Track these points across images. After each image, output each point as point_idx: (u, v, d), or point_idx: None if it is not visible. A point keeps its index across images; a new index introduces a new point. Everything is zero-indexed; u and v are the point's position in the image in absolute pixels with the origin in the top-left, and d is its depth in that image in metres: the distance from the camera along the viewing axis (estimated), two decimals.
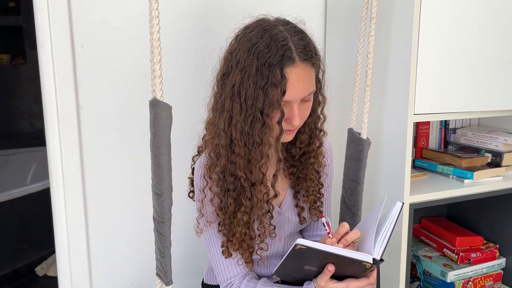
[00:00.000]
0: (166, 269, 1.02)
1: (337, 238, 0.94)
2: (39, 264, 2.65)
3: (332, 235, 0.96)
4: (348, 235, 0.94)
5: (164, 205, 0.97)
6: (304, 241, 0.84)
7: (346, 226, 0.96)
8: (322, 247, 0.85)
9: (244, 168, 0.94)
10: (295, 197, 1.12)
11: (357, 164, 1.24)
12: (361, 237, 0.96)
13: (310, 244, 0.84)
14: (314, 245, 0.84)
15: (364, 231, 0.95)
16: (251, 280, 1.05)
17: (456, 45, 1.25)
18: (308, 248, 0.84)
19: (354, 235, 0.94)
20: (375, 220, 0.91)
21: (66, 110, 1.29)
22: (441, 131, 1.67)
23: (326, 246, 0.85)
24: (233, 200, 0.97)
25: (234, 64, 0.92)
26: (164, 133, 0.94)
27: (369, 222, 0.96)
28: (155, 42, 0.91)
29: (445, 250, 1.63)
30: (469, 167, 1.46)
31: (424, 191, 1.35)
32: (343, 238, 0.93)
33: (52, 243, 1.37)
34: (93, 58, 1.31)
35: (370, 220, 0.96)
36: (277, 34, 0.90)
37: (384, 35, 1.30)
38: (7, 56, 3.47)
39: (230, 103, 0.93)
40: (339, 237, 0.94)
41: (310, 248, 0.84)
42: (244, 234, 0.98)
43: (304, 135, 1.05)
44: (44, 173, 1.53)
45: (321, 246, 0.85)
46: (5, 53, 3.46)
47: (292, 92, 0.90)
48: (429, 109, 1.26)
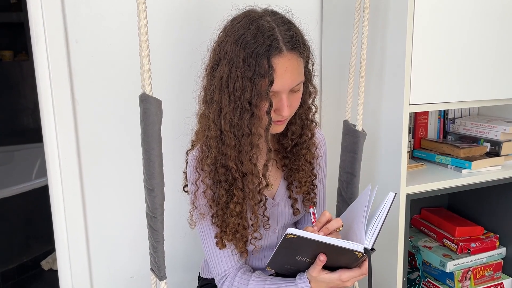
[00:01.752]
0: (160, 264, 1.03)
1: (318, 227, 0.95)
2: (44, 258, 2.69)
3: (315, 224, 0.96)
4: (329, 223, 0.95)
5: (156, 200, 0.98)
6: (294, 230, 0.84)
7: (327, 215, 0.96)
8: (312, 236, 0.85)
9: (235, 159, 0.94)
10: (288, 189, 1.12)
11: (353, 156, 1.24)
12: (349, 226, 0.96)
13: (301, 233, 0.84)
14: (305, 234, 0.85)
15: (352, 220, 0.95)
16: (246, 273, 1.06)
17: (453, 33, 1.23)
18: (298, 237, 0.84)
19: (335, 224, 0.95)
20: (363, 208, 0.91)
21: (62, 105, 1.30)
22: (440, 121, 1.66)
23: (316, 235, 0.86)
24: (225, 191, 0.98)
25: (222, 55, 0.92)
26: (154, 128, 0.94)
27: (356, 211, 0.96)
28: (142, 36, 0.91)
29: (445, 240, 1.63)
30: (468, 157, 1.45)
31: (421, 181, 1.35)
32: (324, 226, 0.94)
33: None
34: (88, 53, 1.31)
35: (357, 208, 0.96)
36: (263, 25, 0.90)
37: (379, 25, 1.29)
38: (10, 53, 3.49)
39: (219, 94, 0.93)
40: (321, 225, 0.95)
41: (301, 237, 0.84)
42: (238, 224, 0.99)
43: (295, 126, 1.05)
44: None
45: (311, 235, 0.85)
46: (8, 50, 3.48)
47: (279, 82, 0.90)
48: (425, 99, 1.25)
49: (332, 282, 0.92)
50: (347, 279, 0.91)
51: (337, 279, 0.91)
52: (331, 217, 0.97)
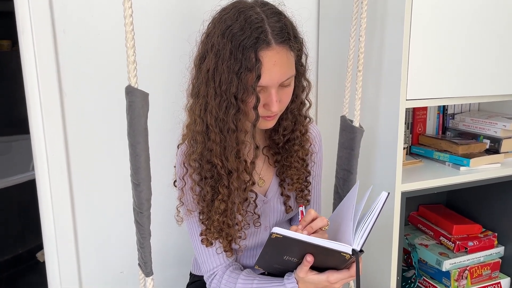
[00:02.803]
0: (146, 260, 1.00)
1: (303, 225, 0.91)
2: (40, 250, 2.67)
3: (300, 222, 0.93)
4: (314, 222, 0.91)
5: (142, 195, 0.95)
6: (280, 229, 0.81)
7: (313, 213, 0.93)
8: (298, 236, 0.82)
9: (220, 155, 0.91)
10: (281, 186, 1.09)
11: (349, 153, 1.20)
12: (338, 226, 0.93)
13: (286, 233, 0.81)
14: (290, 234, 0.82)
15: (341, 220, 0.92)
16: (234, 271, 1.03)
17: (452, 28, 1.19)
18: (284, 237, 0.81)
19: (320, 223, 0.91)
20: (351, 207, 0.88)
21: (49, 97, 1.27)
22: (439, 117, 1.62)
23: (302, 235, 0.83)
24: (211, 188, 0.95)
25: (209, 47, 0.89)
26: (139, 121, 0.91)
27: (344, 210, 0.93)
28: (128, 26, 0.88)
29: (442, 239, 1.60)
30: (466, 154, 1.41)
31: (417, 178, 1.31)
32: (309, 225, 0.91)
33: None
34: (75, 44, 1.27)
35: (345, 207, 0.93)
36: (251, 16, 0.86)
37: (377, 18, 1.25)
38: (8, 42, 3.45)
39: (205, 88, 0.90)
40: (305, 224, 0.92)
41: (286, 237, 0.82)
42: (222, 222, 0.96)
43: (287, 121, 1.01)
44: None
45: (297, 235, 0.82)
46: (6, 39, 3.44)
47: (268, 77, 0.86)
48: (422, 95, 1.21)
49: (320, 284, 0.89)
50: (335, 280, 0.88)
51: (325, 281, 0.88)
52: (316, 215, 0.94)
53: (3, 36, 3.43)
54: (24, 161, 3.36)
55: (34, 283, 2.42)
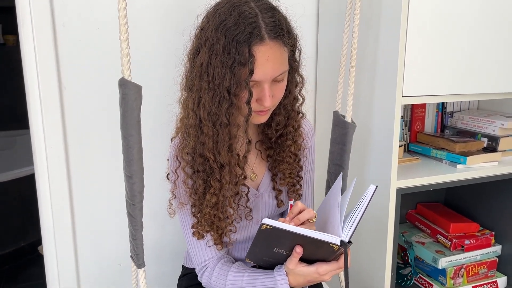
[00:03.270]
0: (138, 251, 1.02)
1: (290, 217, 0.93)
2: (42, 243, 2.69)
3: (288, 214, 0.94)
4: (301, 214, 0.92)
5: (134, 187, 0.96)
6: (269, 220, 0.82)
7: (300, 205, 0.94)
8: (287, 227, 0.83)
9: (213, 149, 0.92)
10: (273, 180, 1.09)
11: (342, 148, 1.21)
12: (327, 217, 0.94)
13: (276, 224, 0.82)
14: (279, 225, 0.82)
15: (328, 211, 0.93)
16: (225, 264, 1.04)
17: (449, 24, 1.19)
18: (273, 228, 0.82)
19: (307, 214, 0.92)
20: (337, 199, 0.89)
21: (49, 90, 1.28)
22: (438, 115, 1.62)
23: (291, 227, 0.83)
24: (203, 181, 0.96)
25: (203, 42, 0.89)
26: (132, 113, 0.92)
27: (331, 202, 0.93)
28: (121, 19, 0.89)
29: (439, 236, 1.60)
30: (463, 152, 1.41)
31: (413, 175, 1.32)
32: (296, 217, 0.92)
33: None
34: (75, 37, 1.29)
35: (332, 199, 0.93)
36: (245, 11, 0.86)
37: (374, 14, 1.25)
38: (14, 37, 3.48)
39: (199, 82, 0.90)
40: (293, 216, 0.93)
41: (276, 228, 0.82)
42: (213, 215, 0.97)
43: (280, 116, 1.02)
44: None
45: (286, 226, 0.83)
46: (12, 34, 3.47)
47: (261, 72, 0.87)
48: (418, 91, 1.21)
49: (309, 275, 0.90)
50: (324, 272, 0.88)
51: (314, 272, 0.89)
52: (304, 207, 0.95)
53: (9, 31, 3.45)
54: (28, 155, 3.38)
55: (35, 276, 2.45)
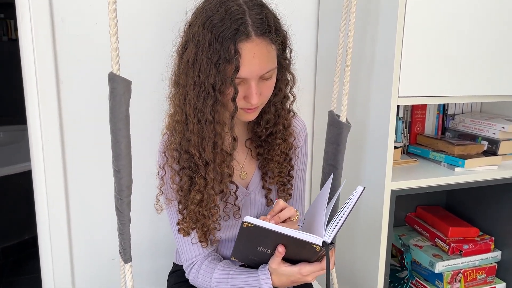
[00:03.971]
0: (125, 246, 1.02)
1: (271, 215, 0.93)
2: None
3: (269, 212, 0.94)
4: (282, 212, 0.93)
5: (122, 182, 0.96)
6: (251, 218, 0.82)
7: (281, 203, 0.94)
8: (268, 226, 0.82)
9: (198, 146, 0.92)
10: (263, 179, 1.09)
11: (336, 148, 1.19)
12: (313, 218, 0.93)
13: (257, 222, 0.82)
14: (261, 223, 0.82)
15: (315, 212, 0.92)
16: (212, 262, 1.04)
17: (447, 23, 1.17)
18: (255, 226, 0.82)
19: (287, 213, 0.93)
20: (325, 200, 0.88)
21: (46, 85, 1.29)
22: (439, 117, 1.59)
23: (273, 225, 0.83)
24: (188, 178, 0.96)
25: (191, 37, 0.90)
26: (120, 108, 0.92)
27: (319, 202, 0.92)
28: (111, 13, 0.89)
29: (437, 240, 1.57)
30: (462, 155, 1.39)
31: (409, 177, 1.30)
32: (276, 215, 0.92)
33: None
34: (73, 32, 1.29)
35: (320, 200, 0.93)
36: (232, 7, 0.86)
37: (371, 12, 1.24)
38: None
39: (185, 78, 0.90)
40: (273, 214, 0.93)
41: (257, 226, 0.82)
42: (198, 212, 0.96)
43: (269, 114, 1.01)
44: None
45: (267, 224, 0.82)
46: None
47: (247, 69, 0.86)
48: (415, 92, 1.20)
49: (292, 276, 0.89)
50: (307, 273, 0.88)
51: (297, 273, 0.88)
52: (285, 205, 0.95)
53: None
54: None
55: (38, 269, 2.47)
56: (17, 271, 2.47)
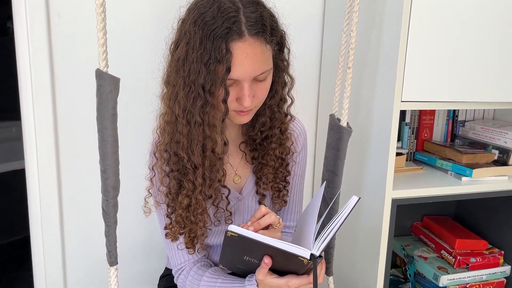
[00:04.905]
0: (111, 249, 0.98)
1: (252, 221, 0.88)
2: None
3: (250, 218, 0.89)
4: (262, 218, 0.88)
5: (108, 182, 0.93)
6: (235, 227, 0.77)
7: (263, 210, 0.89)
8: (253, 236, 0.78)
9: (187, 148, 0.88)
10: (257, 184, 1.04)
11: (335, 154, 1.14)
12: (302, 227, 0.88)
13: (241, 232, 0.77)
14: (245, 233, 0.78)
15: (305, 221, 0.87)
16: (201, 268, 1.00)
17: (454, 25, 1.11)
18: (239, 235, 0.78)
19: (268, 219, 0.88)
20: (315, 209, 0.83)
21: (41, 80, 1.27)
22: (448, 123, 1.53)
23: (257, 236, 0.78)
24: (176, 181, 0.92)
25: (183, 35, 0.86)
26: (107, 106, 0.89)
27: (310, 212, 0.87)
28: (98, 8, 0.86)
29: (443, 252, 1.51)
30: (470, 164, 1.32)
31: (413, 186, 1.24)
32: (256, 221, 0.87)
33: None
34: (70, 27, 1.27)
35: (311, 209, 0.88)
36: (225, 5, 0.82)
37: (376, 13, 1.18)
38: None
39: (176, 77, 0.86)
40: (254, 220, 0.88)
41: (241, 236, 0.78)
42: (185, 217, 0.92)
43: (264, 117, 0.97)
44: None
45: (252, 234, 0.78)
46: None
47: (239, 70, 0.82)
48: (419, 97, 1.14)
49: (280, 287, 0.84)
50: (295, 286, 0.83)
51: (284, 285, 0.83)
52: (267, 211, 0.90)
53: None
54: None
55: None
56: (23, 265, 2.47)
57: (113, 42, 0.99)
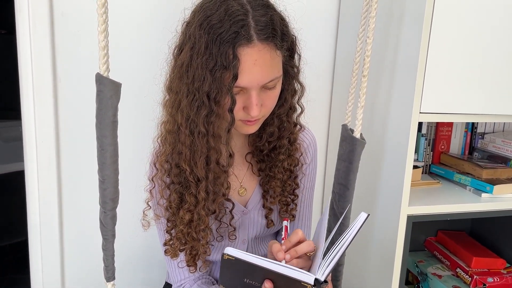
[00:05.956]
0: (108, 263, 0.93)
1: (287, 247, 0.79)
2: None
3: (284, 242, 0.82)
4: (300, 246, 0.78)
5: (106, 193, 0.87)
6: (232, 250, 0.72)
7: (300, 234, 0.80)
8: (251, 260, 0.72)
9: (189, 160, 0.82)
10: (263, 197, 0.98)
11: (347, 166, 1.07)
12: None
13: (238, 255, 0.72)
14: (243, 257, 0.72)
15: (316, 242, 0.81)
16: (202, 286, 0.94)
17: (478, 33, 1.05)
18: (236, 259, 0.72)
19: (306, 247, 0.78)
20: (323, 231, 0.77)
21: (43, 82, 1.22)
22: (467, 135, 1.46)
23: (256, 259, 0.72)
24: (178, 195, 0.86)
25: (187, 39, 0.80)
26: (107, 113, 0.83)
27: (318, 233, 0.81)
28: (99, 8, 0.80)
29: (458, 270, 1.43)
30: (491, 179, 1.25)
31: (430, 202, 1.17)
32: (293, 248, 0.79)
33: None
34: (74, 27, 1.23)
35: (318, 230, 0.81)
36: (233, 7, 0.76)
37: (395, 18, 1.12)
38: None
39: (179, 84, 0.81)
40: (290, 245, 0.80)
41: (239, 260, 0.72)
42: (187, 234, 0.86)
43: (272, 127, 0.91)
44: None
45: (250, 258, 0.72)
46: None
47: (246, 77, 0.76)
48: (439, 108, 1.08)
49: None
50: None
51: None
52: (304, 237, 0.81)
53: None
54: None
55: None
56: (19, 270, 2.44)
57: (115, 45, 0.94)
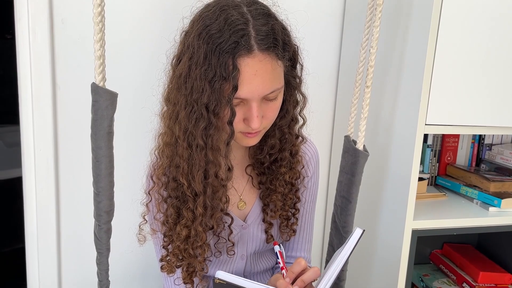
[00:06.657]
0: (102, 278, 0.91)
1: (291, 278, 0.77)
2: None
3: (286, 272, 0.78)
4: (305, 274, 0.76)
5: (100, 206, 0.85)
6: (223, 274, 0.70)
7: (303, 264, 0.78)
8: (242, 284, 0.70)
9: (187, 174, 0.79)
10: (264, 211, 0.95)
11: (350, 179, 1.05)
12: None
13: (230, 279, 0.70)
14: (234, 281, 0.70)
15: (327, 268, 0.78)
16: None
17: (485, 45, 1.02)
18: (227, 283, 0.70)
19: (312, 275, 0.76)
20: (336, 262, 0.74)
21: (41, 89, 1.20)
22: (474, 146, 1.42)
23: (248, 283, 0.70)
24: (175, 209, 0.83)
25: (185, 49, 0.78)
26: (102, 123, 0.82)
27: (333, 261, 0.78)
28: (95, 17, 0.79)
29: (465, 285, 1.40)
30: (498, 193, 1.22)
31: (435, 216, 1.14)
32: (299, 278, 0.76)
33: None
34: (74, 34, 1.21)
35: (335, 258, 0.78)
36: (233, 16, 0.74)
37: (400, 28, 1.09)
38: None
39: (177, 95, 0.79)
40: (294, 276, 0.77)
41: (230, 284, 0.70)
42: (183, 250, 0.84)
43: (274, 139, 0.88)
44: None
45: (242, 282, 0.70)
46: None
47: (246, 88, 0.74)
48: (445, 120, 1.05)
49: None
50: None
51: None
52: (306, 265, 0.79)
53: None
54: None
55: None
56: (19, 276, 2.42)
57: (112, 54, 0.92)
